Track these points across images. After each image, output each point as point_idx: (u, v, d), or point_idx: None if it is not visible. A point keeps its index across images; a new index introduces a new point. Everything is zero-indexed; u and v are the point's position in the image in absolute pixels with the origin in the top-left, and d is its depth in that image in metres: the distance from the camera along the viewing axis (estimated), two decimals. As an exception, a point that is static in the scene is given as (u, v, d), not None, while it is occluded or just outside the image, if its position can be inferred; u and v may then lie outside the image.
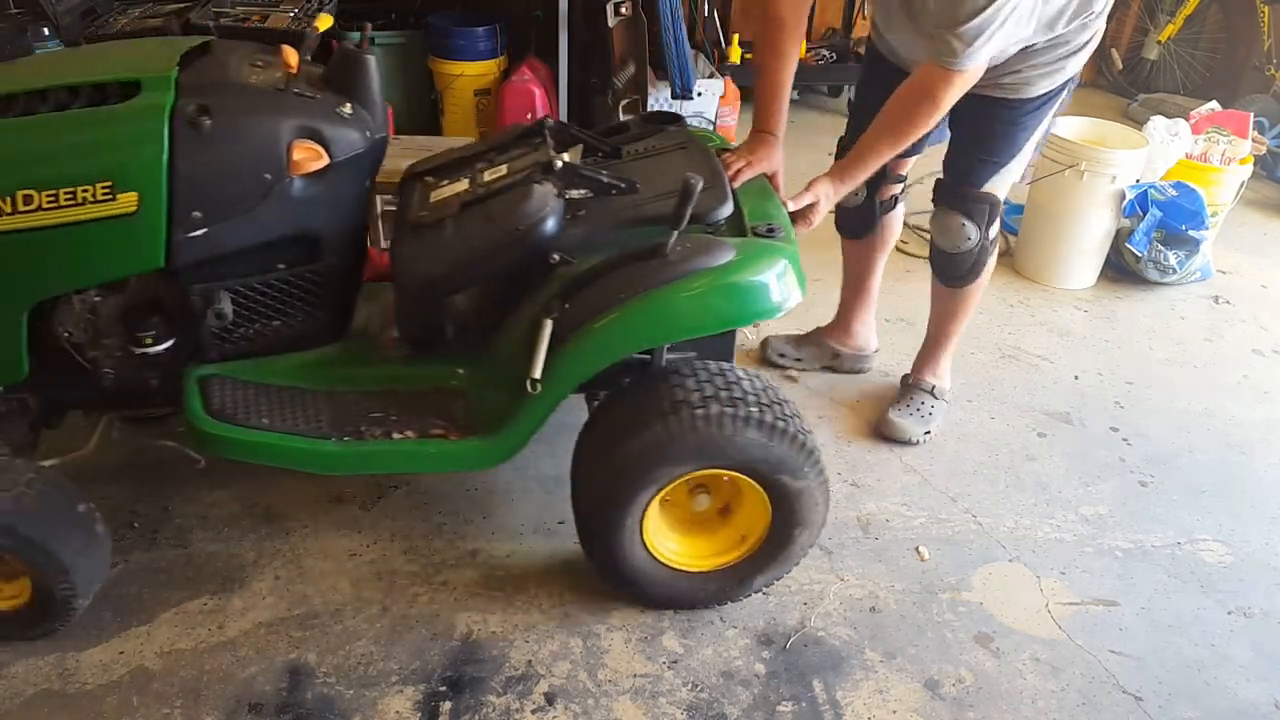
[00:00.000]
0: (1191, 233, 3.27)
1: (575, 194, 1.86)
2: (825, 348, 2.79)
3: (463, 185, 1.95)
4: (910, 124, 1.97)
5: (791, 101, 2.22)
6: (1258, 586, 2.15)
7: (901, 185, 2.52)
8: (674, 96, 4.02)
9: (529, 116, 3.88)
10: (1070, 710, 1.83)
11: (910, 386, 2.59)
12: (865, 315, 2.76)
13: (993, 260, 2.40)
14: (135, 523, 2.12)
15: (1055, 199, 3.26)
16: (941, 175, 2.37)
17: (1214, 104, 3.89)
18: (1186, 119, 3.68)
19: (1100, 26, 2.06)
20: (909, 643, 1.95)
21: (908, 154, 2.35)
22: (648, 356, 1.87)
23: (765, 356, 2.81)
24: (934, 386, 2.56)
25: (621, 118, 3.94)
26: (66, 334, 1.82)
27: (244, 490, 2.22)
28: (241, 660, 1.83)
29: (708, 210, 1.82)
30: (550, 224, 1.76)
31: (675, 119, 2.19)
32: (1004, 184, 2.30)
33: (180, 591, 1.96)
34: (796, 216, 2.00)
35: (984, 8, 1.77)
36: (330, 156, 1.78)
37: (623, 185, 1.87)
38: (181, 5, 2.93)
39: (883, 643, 1.95)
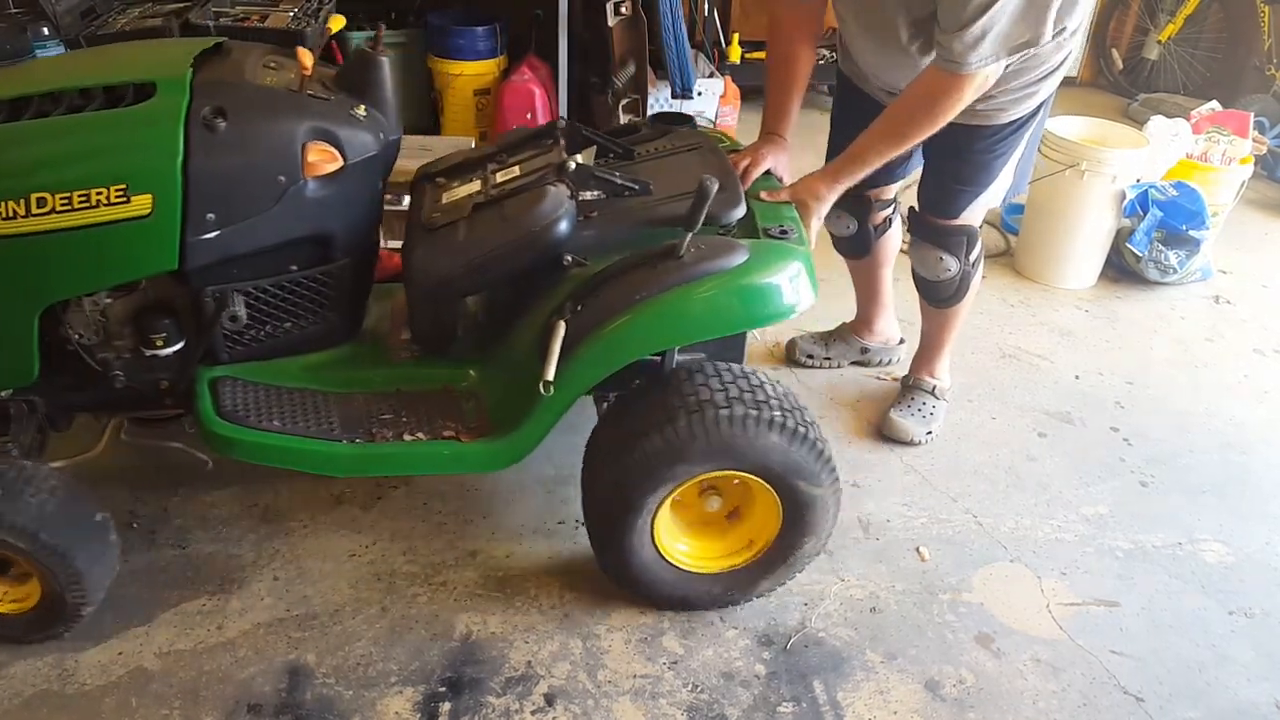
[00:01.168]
0: (1192, 233, 3.27)
1: (588, 195, 1.85)
2: (854, 343, 2.79)
3: (475, 186, 1.95)
4: (913, 127, 1.93)
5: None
6: (1258, 586, 2.14)
7: (893, 207, 2.52)
8: (674, 96, 4.01)
9: (528, 116, 3.87)
10: (1071, 710, 1.83)
11: (911, 387, 2.58)
12: (885, 313, 2.77)
13: (979, 278, 2.38)
14: (134, 523, 2.11)
15: (1055, 199, 3.26)
16: (915, 204, 2.33)
17: (1214, 104, 3.89)
18: (1186, 119, 3.68)
19: (1074, 47, 2.02)
20: (909, 643, 1.95)
21: (892, 179, 2.35)
22: (659, 359, 1.86)
23: (793, 357, 2.80)
24: (934, 386, 2.55)
25: (622, 118, 3.94)
26: (77, 336, 1.82)
27: (243, 490, 2.21)
28: (240, 661, 1.82)
29: (721, 212, 1.82)
30: (563, 225, 1.76)
31: (686, 119, 2.18)
32: (979, 212, 2.27)
33: (179, 592, 1.96)
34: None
35: (983, 8, 1.74)
36: (344, 159, 1.77)
37: (636, 187, 1.87)
38: (181, 5, 2.92)
39: (883, 643, 1.95)
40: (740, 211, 1.86)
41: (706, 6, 4.32)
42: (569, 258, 1.81)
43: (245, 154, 1.70)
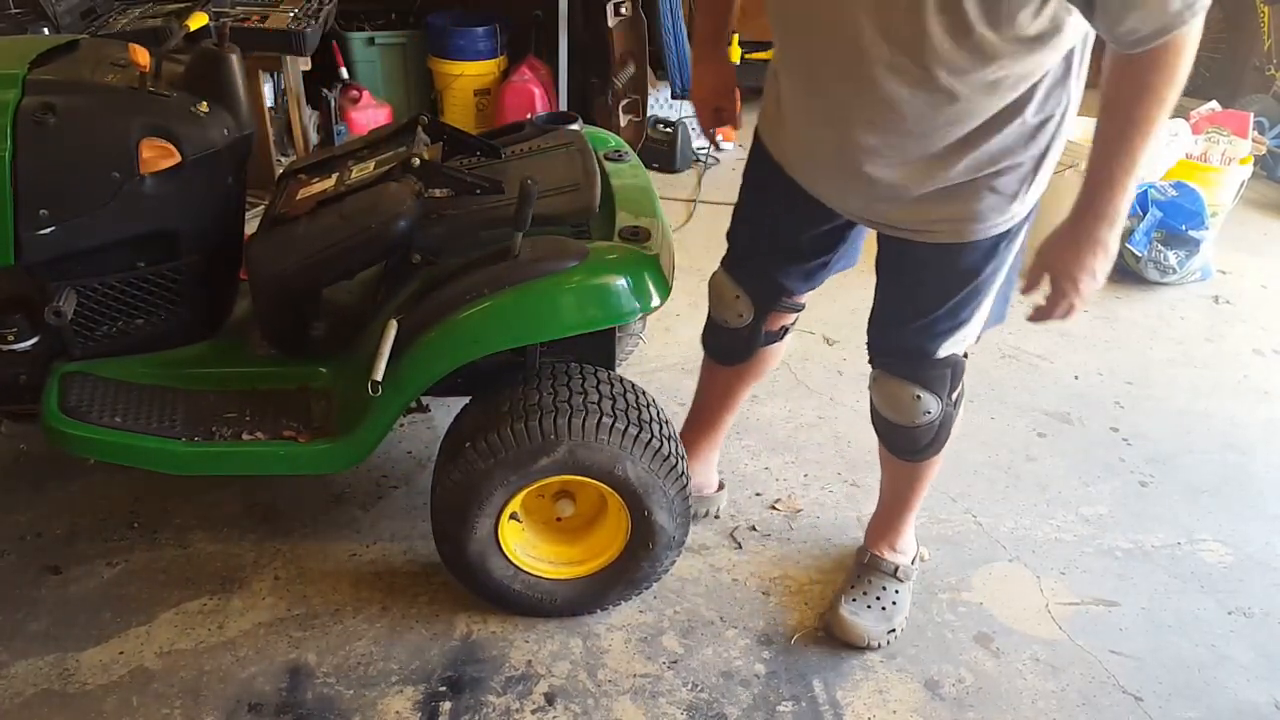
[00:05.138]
0: (1191, 233, 3.28)
1: (439, 193, 1.83)
2: None
3: (329, 183, 1.92)
4: (1159, 107, 1.47)
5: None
6: (1258, 586, 2.15)
7: (795, 317, 2.01)
8: (674, 96, 4.02)
9: (528, 116, 3.89)
10: (1070, 710, 1.83)
11: (866, 566, 2.00)
12: (709, 454, 2.24)
13: (960, 417, 1.82)
14: (135, 523, 2.12)
15: (1055, 199, 3.22)
16: (870, 335, 1.81)
17: (1214, 104, 3.89)
18: (1186, 119, 3.69)
19: (1061, 144, 1.61)
20: (909, 643, 1.95)
21: (811, 284, 1.90)
22: (523, 359, 1.83)
23: None
24: (897, 566, 1.99)
25: (622, 118, 3.95)
26: None
27: (244, 490, 2.22)
28: (241, 660, 1.83)
29: (571, 212, 1.80)
30: (403, 223, 1.72)
31: (573, 119, 2.13)
32: (966, 341, 1.73)
33: (180, 591, 1.96)
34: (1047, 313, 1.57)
35: None
36: (182, 155, 1.76)
37: (486, 185, 1.83)
38: (182, 5, 2.92)
39: (883, 643, 1.95)
40: (590, 213, 1.83)
41: (707, 7, 4.32)
42: (418, 256, 1.78)
43: (76, 150, 1.70)
